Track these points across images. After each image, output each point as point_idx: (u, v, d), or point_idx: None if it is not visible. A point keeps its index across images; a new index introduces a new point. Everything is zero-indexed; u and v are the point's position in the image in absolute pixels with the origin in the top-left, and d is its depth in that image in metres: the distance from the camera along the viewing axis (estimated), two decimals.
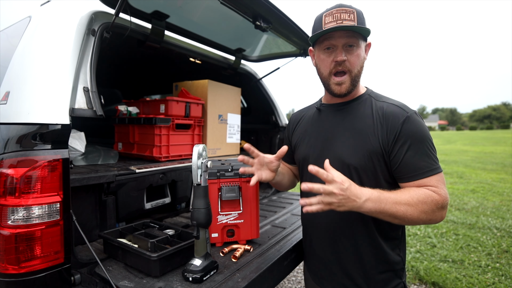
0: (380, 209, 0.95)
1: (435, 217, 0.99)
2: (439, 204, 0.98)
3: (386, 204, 0.95)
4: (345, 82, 1.10)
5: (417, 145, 1.02)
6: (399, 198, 0.96)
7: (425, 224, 1.01)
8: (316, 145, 1.21)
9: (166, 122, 1.93)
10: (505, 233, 3.85)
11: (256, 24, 1.67)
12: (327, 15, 1.07)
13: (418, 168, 1.01)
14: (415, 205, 0.96)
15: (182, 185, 1.95)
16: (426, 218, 0.98)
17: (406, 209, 0.95)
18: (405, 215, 0.96)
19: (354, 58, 1.08)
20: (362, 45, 1.10)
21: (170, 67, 2.98)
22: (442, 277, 2.80)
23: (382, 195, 0.96)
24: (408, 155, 1.02)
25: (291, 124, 1.42)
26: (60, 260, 1.07)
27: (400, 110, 1.06)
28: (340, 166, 1.09)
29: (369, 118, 1.10)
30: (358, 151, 1.08)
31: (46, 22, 1.29)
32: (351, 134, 1.12)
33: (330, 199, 0.92)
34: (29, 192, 0.99)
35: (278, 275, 1.40)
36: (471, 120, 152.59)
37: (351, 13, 1.04)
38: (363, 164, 1.07)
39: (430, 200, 0.97)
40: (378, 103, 1.12)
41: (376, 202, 0.94)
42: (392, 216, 0.96)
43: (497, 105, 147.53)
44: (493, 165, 10.00)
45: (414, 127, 1.03)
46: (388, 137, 1.04)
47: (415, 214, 0.96)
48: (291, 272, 2.76)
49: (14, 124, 1.07)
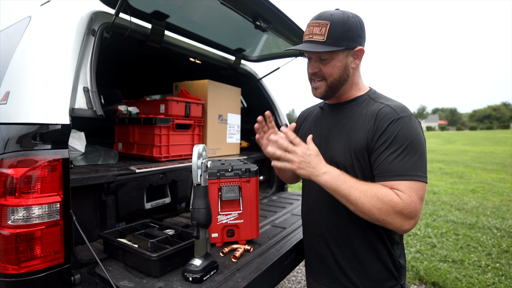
0: (335, 186, 0.98)
1: (390, 219, 0.94)
2: (397, 207, 0.93)
3: (342, 183, 0.98)
4: (319, 88, 1.14)
5: (396, 146, 0.99)
6: (357, 185, 0.97)
7: (379, 223, 0.97)
8: (315, 143, 1.22)
9: (166, 122, 1.93)
10: (505, 233, 3.85)
11: (256, 24, 1.67)
12: (307, 25, 1.10)
13: (390, 170, 0.98)
14: (370, 197, 0.94)
15: (182, 185, 1.95)
16: (378, 214, 0.94)
17: (359, 196, 0.95)
18: (357, 202, 0.95)
19: (328, 68, 1.10)
20: (338, 56, 1.08)
21: (170, 67, 2.98)
22: (442, 277, 2.80)
23: (342, 175, 1.00)
24: (384, 154, 1.00)
25: (299, 122, 1.44)
26: (60, 260, 1.07)
27: (392, 111, 1.04)
28: (333, 165, 1.10)
29: (362, 117, 1.11)
30: (346, 150, 1.10)
31: (46, 22, 1.29)
32: (343, 134, 1.14)
33: (291, 156, 1.02)
34: (29, 192, 0.99)
35: (278, 275, 1.40)
36: (471, 120, 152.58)
37: (323, 27, 1.04)
38: (350, 163, 1.09)
39: (388, 200, 0.93)
40: (375, 104, 1.12)
41: (333, 178, 0.99)
42: (345, 198, 0.98)
43: (497, 105, 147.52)
44: (493, 165, 10.00)
45: (400, 128, 1.00)
46: (373, 135, 1.04)
47: (367, 205, 0.94)
48: (291, 272, 2.76)
49: (14, 124, 1.07)
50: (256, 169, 1.51)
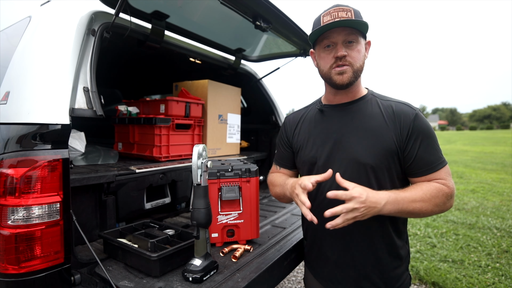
0: (398, 209, 1.00)
1: (446, 207, 1.06)
2: (449, 195, 1.05)
3: (403, 204, 1.00)
4: (346, 72, 1.09)
5: (426, 140, 1.07)
6: (414, 196, 1.02)
7: (436, 214, 1.08)
8: (324, 146, 1.19)
9: (166, 122, 1.93)
10: (505, 233, 3.85)
11: (256, 24, 1.67)
12: (325, 15, 1.08)
13: (429, 163, 1.07)
14: (429, 200, 1.02)
15: (182, 185, 1.95)
16: (438, 210, 1.05)
17: (422, 205, 1.02)
18: (421, 211, 1.02)
19: (355, 53, 1.09)
20: (362, 42, 1.11)
21: (170, 67, 2.98)
22: (442, 277, 2.80)
23: (398, 196, 1.01)
24: (420, 151, 1.07)
25: (289, 127, 1.36)
26: (60, 260, 1.07)
27: (408, 108, 1.11)
28: (355, 166, 1.10)
29: (380, 116, 1.12)
30: (373, 150, 1.09)
31: (46, 22, 1.28)
32: (364, 134, 1.12)
33: (353, 214, 0.95)
34: (29, 192, 0.99)
35: (278, 275, 1.40)
36: (471, 120, 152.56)
37: (348, 11, 1.06)
38: (379, 163, 1.09)
39: (442, 194, 1.04)
40: (384, 102, 1.16)
41: (394, 204, 0.99)
42: (409, 213, 1.03)
43: (497, 105, 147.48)
44: (493, 165, 10.00)
45: (423, 123, 1.08)
46: (401, 135, 1.08)
47: (430, 208, 1.03)
48: (291, 272, 2.76)
49: (14, 124, 1.07)
50: (256, 169, 1.51)
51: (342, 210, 0.94)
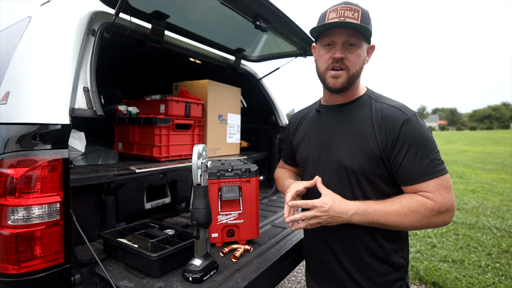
0: (368, 220, 0.99)
1: (433, 222, 0.98)
2: (434, 211, 0.96)
3: (374, 216, 0.98)
4: (340, 77, 1.07)
5: (415, 148, 1.00)
6: (388, 209, 0.98)
7: (424, 228, 1.02)
8: (315, 147, 1.20)
9: (166, 122, 1.93)
10: (505, 233, 3.85)
11: (256, 24, 1.67)
12: (331, 11, 1.05)
13: (414, 173, 0.99)
14: (406, 215, 0.97)
15: (182, 185, 1.95)
16: (421, 225, 0.98)
17: (396, 219, 0.98)
18: (396, 225, 0.98)
19: (354, 57, 1.06)
20: (363, 46, 1.07)
21: (170, 67, 2.98)
22: (442, 277, 2.80)
23: (369, 207, 0.99)
24: (406, 159, 1.00)
25: (292, 125, 1.40)
26: (60, 260, 1.07)
27: (399, 112, 1.04)
28: (339, 170, 1.10)
29: (368, 120, 1.08)
30: (356, 154, 1.06)
31: (46, 22, 1.28)
32: (350, 137, 1.10)
33: (315, 220, 1.01)
34: (29, 192, 0.99)
35: (278, 275, 1.40)
36: (471, 120, 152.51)
37: (356, 12, 1.02)
38: (361, 168, 1.06)
39: (423, 209, 0.96)
40: (377, 104, 1.10)
41: (363, 215, 0.99)
42: (383, 225, 1.00)
43: (497, 105, 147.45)
44: (493, 165, 10.00)
45: (413, 129, 1.00)
46: (387, 140, 1.02)
47: (407, 222, 0.98)
48: (291, 272, 2.76)
49: (14, 124, 1.07)
50: (256, 169, 1.51)
51: (302, 217, 1.02)
